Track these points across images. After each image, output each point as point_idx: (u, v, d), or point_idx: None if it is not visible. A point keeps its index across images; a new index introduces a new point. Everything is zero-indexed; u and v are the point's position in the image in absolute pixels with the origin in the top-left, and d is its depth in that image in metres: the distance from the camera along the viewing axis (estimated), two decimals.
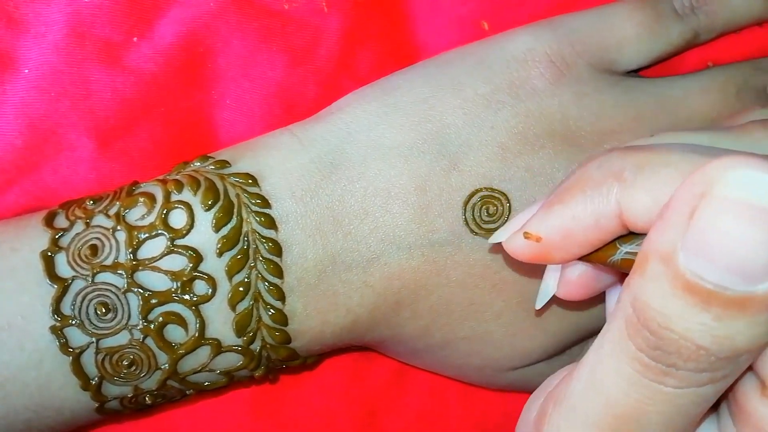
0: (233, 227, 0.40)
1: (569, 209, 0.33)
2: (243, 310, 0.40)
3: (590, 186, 0.32)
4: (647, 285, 0.27)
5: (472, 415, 0.51)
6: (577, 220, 0.33)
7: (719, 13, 0.47)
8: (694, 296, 0.26)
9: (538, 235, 0.34)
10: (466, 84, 0.43)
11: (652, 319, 0.27)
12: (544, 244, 0.34)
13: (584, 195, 0.32)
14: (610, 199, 0.32)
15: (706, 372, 0.27)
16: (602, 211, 0.32)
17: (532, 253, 0.35)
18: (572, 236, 0.33)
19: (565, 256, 0.34)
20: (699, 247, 0.25)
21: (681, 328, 0.26)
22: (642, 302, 0.27)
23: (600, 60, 0.45)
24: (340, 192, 0.41)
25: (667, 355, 0.27)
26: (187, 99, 0.47)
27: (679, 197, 0.26)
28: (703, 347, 0.26)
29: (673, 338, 0.27)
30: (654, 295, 0.27)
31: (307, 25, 0.47)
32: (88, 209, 0.41)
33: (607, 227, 0.32)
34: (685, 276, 0.26)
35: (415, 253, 0.42)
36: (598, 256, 0.34)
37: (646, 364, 0.28)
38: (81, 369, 0.39)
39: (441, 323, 0.43)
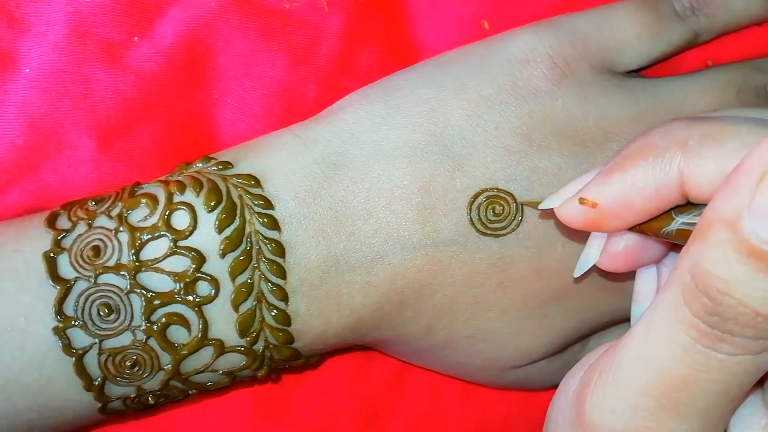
0: (236, 228, 0.40)
1: (629, 176, 0.33)
2: (246, 310, 0.40)
3: (653, 154, 0.32)
4: (709, 251, 0.27)
5: (473, 415, 0.51)
6: (637, 188, 0.33)
7: (719, 14, 0.47)
8: (759, 262, 0.26)
9: (594, 201, 0.34)
10: (468, 85, 0.43)
11: (711, 285, 0.27)
12: (599, 210, 0.34)
13: (646, 162, 0.32)
14: (673, 167, 0.32)
15: (762, 339, 0.27)
16: (664, 179, 0.32)
17: (585, 219, 0.35)
18: (630, 204, 0.33)
19: (620, 224, 0.34)
20: (766, 213, 0.26)
21: (741, 294, 0.27)
22: (702, 268, 0.27)
23: (601, 60, 0.45)
24: (343, 193, 0.41)
25: (724, 322, 0.27)
26: (188, 98, 0.47)
27: (748, 164, 0.26)
28: (761, 314, 0.27)
29: (731, 304, 0.27)
30: (716, 260, 0.27)
31: (308, 24, 0.47)
32: (90, 210, 0.41)
33: (667, 196, 0.32)
34: (750, 241, 0.26)
35: (419, 253, 0.42)
36: (651, 227, 0.34)
37: (702, 330, 0.28)
38: (84, 370, 0.39)
39: (445, 322, 0.43)
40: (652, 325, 0.30)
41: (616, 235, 0.37)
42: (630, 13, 0.46)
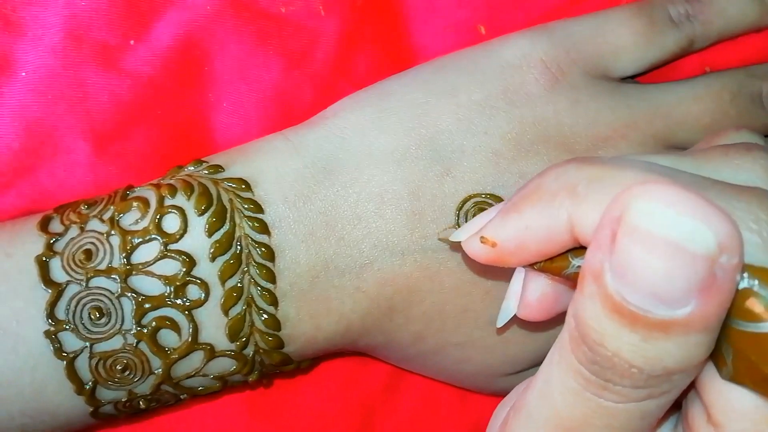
0: (226, 232, 0.40)
1: (523, 219, 0.33)
2: (236, 314, 0.40)
3: (544, 198, 0.32)
4: (585, 302, 0.27)
5: (466, 419, 0.51)
6: (530, 231, 0.32)
7: (714, 21, 0.47)
8: (622, 317, 0.26)
9: (493, 240, 0.34)
10: (460, 89, 0.43)
11: (588, 335, 0.27)
12: (499, 249, 0.34)
13: (538, 206, 0.32)
14: (561, 213, 0.31)
15: (643, 389, 0.27)
16: (554, 224, 0.31)
17: (488, 256, 0.35)
18: (526, 245, 0.33)
19: (519, 262, 0.34)
20: (621, 271, 0.26)
21: (613, 346, 0.27)
22: (580, 318, 0.27)
23: (595, 66, 0.45)
24: (333, 197, 0.41)
25: (604, 371, 0.27)
26: (183, 102, 0.47)
27: (604, 218, 0.26)
28: (635, 366, 0.27)
29: (607, 355, 0.27)
30: (589, 312, 0.27)
31: (304, 28, 0.47)
32: (83, 214, 0.41)
33: (559, 240, 0.32)
34: (613, 297, 0.26)
35: (407, 259, 0.42)
36: (552, 267, 0.34)
37: (587, 378, 0.28)
38: (75, 373, 0.39)
39: (434, 329, 0.43)
40: (551, 367, 0.30)
41: (531, 286, 0.36)
42: (625, 19, 0.46)
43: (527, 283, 0.36)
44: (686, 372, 0.27)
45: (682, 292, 0.25)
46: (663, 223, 0.25)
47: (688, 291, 0.25)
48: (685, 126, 0.45)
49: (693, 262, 0.25)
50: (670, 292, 0.25)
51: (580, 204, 0.31)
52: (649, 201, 0.25)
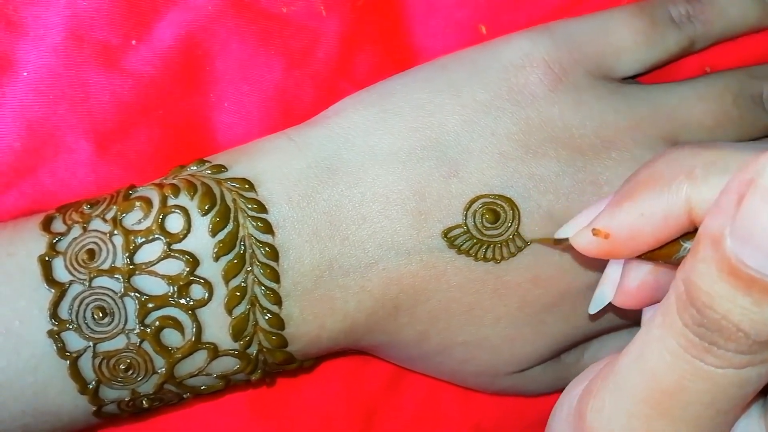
0: (230, 232, 0.40)
1: (638, 206, 0.33)
2: (239, 314, 0.40)
3: (660, 183, 0.33)
4: (698, 265, 0.28)
5: (469, 418, 0.51)
6: (647, 217, 0.33)
7: (715, 21, 0.47)
8: (737, 280, 0.27)
9: (606, 231, 0.34)
10: (463, 89, 0.43)
11: (698, 298, 0.28)
12: (611, 240, 0.34)
13: (654, 192, 0.33)
14: (680, 196, 0.32)
15: (745, 354, 0.28)
16: (672, 207, 0.32)
17: (599, 249, 0.35)
18: (640, 233, 0.33)
19: (631, 252, 0.34)
20: (744, 233, 0.26)
21: (723, 309, 0.27)
22: (691, 281, 0.28)
23: (597, 66, 0.45)
24: (338, 197, 0.41)
25: (709, 333, 0.28)
26: (185, 102, 0.47)
27: (731, 184, 0.27)
28: (742, 330, 0.27)
29: (715, 318, 0.27)
30: (702, 275, 0.28)
31: (305, 28, 0.47)
32: (85, 213, 0.41)
33: (675, 224, 0.33)
34: (731, 260, 0.26)
35: (413, 258, 0.42)
36: (662, 254, 0.34)
37: (690, 340, 0.29)
38: (78, 373, 0.39)
39: (439, 328, 0.43)
40: (650, 332, 0.30)
41: (631, 273, 0.37)
42: (626, 20, 0.46)
43: (627, 270, 0.37)
44: None
45: None
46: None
47: None
48: (688, 127, 0.45)
49: None
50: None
51: (699, 186, 0.31)
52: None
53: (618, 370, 0.32)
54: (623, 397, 0.31)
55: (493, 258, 0.42)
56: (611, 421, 0.32)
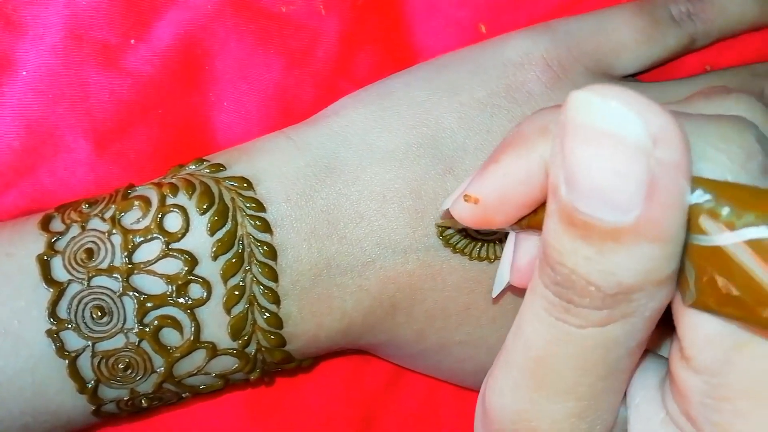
0: (228, 231, 0.40)
1: (501, 167, 0.32)
2: (238, 313, 0.40)
3: (519, 142, 0.32)
4: (547, 222, 0.27)
5: (468, 418, 0.50)
6: (508, 177, 0.32)
7: (715, 19, 0.47)
8: (576, 229, 0.26)
9: (476, 196, 0.33)
10: (462, 88, 0.43)
11: (550, 254, 0.27)
12: (482, 205, 0.33)
13: (514, 151, 0.32)
14: (535, 153, 0.31)
15: (601, 310, 0.27)
16: (531, 166, 0.31)
17: (474, 216, 0.34)
18: (507, 196, 0.32)
19: (505, 218, 0.33)
20: (572, 179, 0.26)
21: (571, 262, 0.27)
22: (544, 240, 0.28)
23: (597, 64, 0.45)
24: (335, 196, 0.41)
25: (565, 291, 0.27)
26: (184, 101, 0.47)
27: (557, 130, 0.26)
28: (591, 282, 0.26)
29: (566, 273, 0.27)
30: (550, 231, 0.27)
31: (305, 27, 0.47)
32: (84, 213, 0.41)
33: (536, 183, 0.31)
34: (567, 208, 0.26)
35: (410, 257, 0.42)
36: (536, 220, 0.33)
37: (550, 301, 0.28)
38: (77, 372, 0.39)
39: (436, 327, 0.43)
40: (524, 300, 0.30)
41: (521, 249, 0.36)
42: (626, 18, 0.46)
43: (517, 247, 0.36)
44: (645, 291, 0.27)
45: (626, 193, 0.25)
46: (597, 114, 0.25)
47: (633, 193, 0.25)
48: None
49: (628, 154, 0.25)
50: (615, 193, 0.25)
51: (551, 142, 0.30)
52: (586, 95, 0.25)
53: (505, 344, 0.31)
54: (509, 371, 0.31)
55: (486, 257, 0.42)
56: (503, 396, 0.31)
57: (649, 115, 0.25)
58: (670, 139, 0.25)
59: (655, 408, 0.31)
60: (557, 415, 0.30)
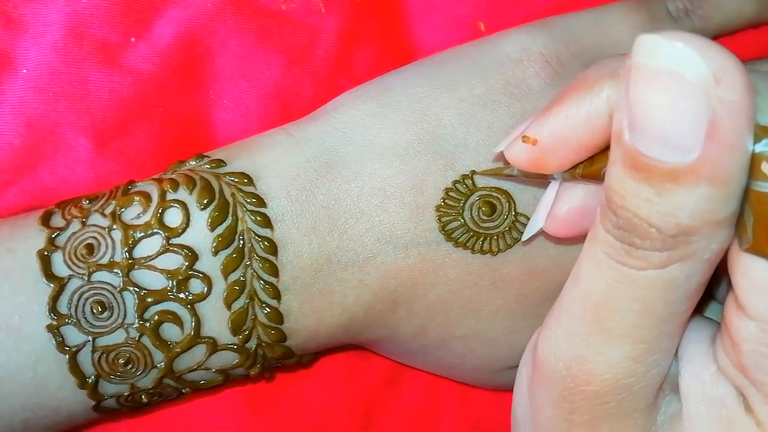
0: (228, 226, 0.40)
1: (563, 110, 0.33)
2: (238, 308, 0.40)
3: (585, 86, 0.32)
4: (611, 168, 0.28)
5: (467, 414, 0.51)
6: (570, 120, 0.32)
7: (713, 16, 0.48)
8: (638, 172, 0.27)
9: (534, 137, 0.34)
10: (461, 84, 0.43)
11: (612, 199, 0.28)
12: (540, 147, 0.34)
13: (578, 94, 0.32)
14: (601, 97, 0.31)
15: (662, 251, 0.28)
16: (594, 109, 0.32)
17: (529, 158, 0.34)
18: (565, 138, 0.33)
19: (561, 161, 0.34)
20: (635, 122, 0.26)
21: (633, 205, 0.27)
22: (607, 185, 0.28)
23: (594, 60, 0.45)
24: (336, 191, 0.41)
25: (627, 234, 0.28)
26: (184, 99, 0.47)
27: (622, 76, 0.27)
28: (652, 224, 0.27)
29: (628, 216, 0.28)
30: (613, 175, 0.28)
31: (304, 25, 0.47)
32: (84, 208, 0.41)
33: (598, 127, 0.32)
34: (630, 151, 0.26)
35: (411, 252, 0.42)
36: (592, 170, 0.33)
37: (612, 245, 0.29)
38: (77, 367, 0.39)
39: (438, 322, 0.43)
40: (583, 249, 0.31)
41: (562, 198, 0.37)
42: (624, 14, 0.46)
43: (559, 196, 0.37)
44: (703, 233, 0.27)
45: (687, 133, 0.25)
46: (662, 55, 0.25)
47: (694, 133, 0.25)
48: None
49: (690, 93, 0.25)
50: (675, 133, 0.25)
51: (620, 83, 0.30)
52: (652, 37, 0.26)
53: (561, 295, 0.32)
54: (564, 319, 0.32)
55: (489, 250, 0.42)
56: (556, 346, 0.32)
57: (713, 56, 0.25)
58: (732, 80, 0.25)
59: (706, 362, 0.32)
60: (614, 359, 0.30)
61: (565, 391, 0.32)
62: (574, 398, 0.32)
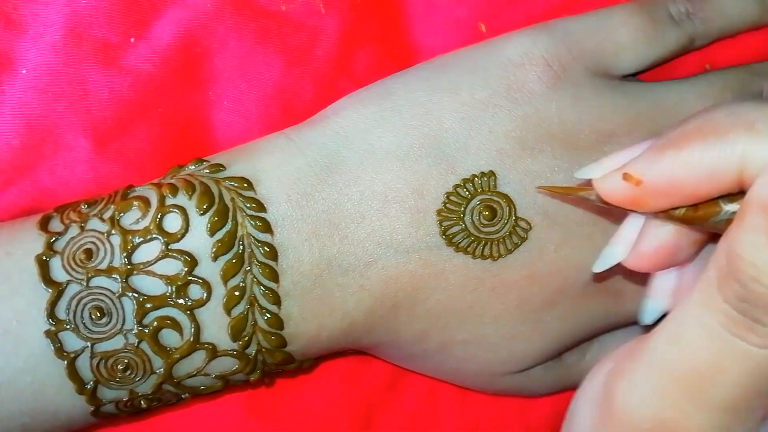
0: (228, 231, 0.40)
1: (684, 154, 0.31)
2: (238, 314, 0.40)
3: (714, 133, 0.30)
4: (744, 235, 0.27)
5: (467, 419, 0.51)
6: (690, 167, 0.31)
7: (714, 19, 0.47)
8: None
9: (639, 177, 0.32)
10: (462, 87, 0.43)
11: (744, 270, 0.27)
12: (643, 188, 0.32)
13: (705, 141, 0.30)
14: (735, 150, 0.29)
15: None
16: (723, 161, 0.30)
17: (625, 196, 0.33)
18: (680, 185, 0.31)
19: (662, 205, 0.33)
20: None
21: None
22: (736, 253, 0.27)
23: (597, 64, 0.45)
24: (337, 196, 0.41)
25: (753, 310, 0.27)
26: (184, 100, 0.47)
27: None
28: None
29: (761, 291, 0.26)
30: (749, 245, 0.26)
31: (304, 26, 0.47)
32: (83, 213, 0.41)
33: (722, 181, 0.30)
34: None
35: (412, 256, 0.42)
36: (698, 216, 0.32)
37: (731, 317, 0.28)
38: (76, 373, 0.39)
39: (439, 327, 0.43)
40: (687, 308, 0.29)
41: (650, 233, 0.36)
42: (626, 17, 0.46)
43: (646, 231, 0.36)
44: None
45: None
46: None
47: None
48: None
49: None
50: None
51: (759, 142, 0.29)
52: None
53: (652, 350, 0.31)
54: (655, 377, 0.30)
55: (490, 255, 0.42)
56: (643, 403, 0.31)
57: None
58: None
59: None
60: (705, 427, 0.30)
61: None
62: None
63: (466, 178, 0.42)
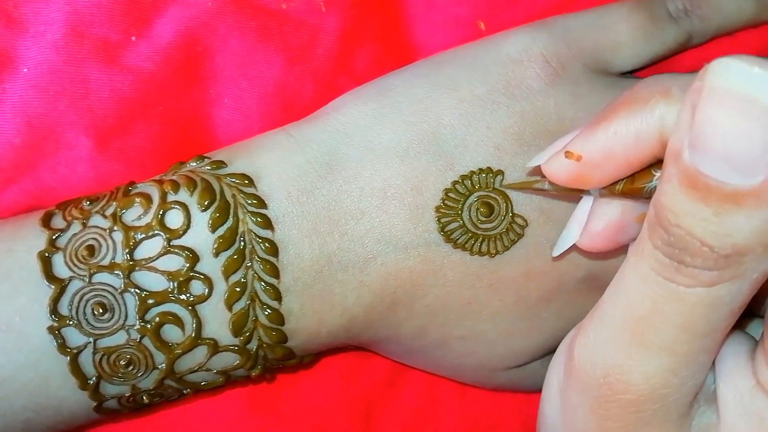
0: (229, 227, 0.40)
1: (613, 126, 0.33)
2: (239, 310, 0.40)
3: (637, 102, 0.32)
4: (663, 186, 0.28)
5: (467, 414, 0.51)
6: (619, 137, 0.33)
7: (712, 16, 0.48)
8: (696, 191, 0.27)
9: (579, 153, 0.34)
10: (461, 84, 0.43)
11: (665, 217, 0.28)
12: (584, 163, 0.34)
13: (630, 111, 0.32)
14: (654, 115, 0.32)
15: (713, 270, 0.28)
16: (645, 127, 0.32)
17: (570, 174, 0.35)
18: (612, 155, 0.33)
19: (604, 177, 0.34)
20: (699, 142, 0.26)
21: (687, 223, 0.27)
22: (660, 202, 0.28)
23: (595, 61, 0.45)
24: (336, 192, 0.41)
25: (677, 252, 0.28)
26: (185, 98, 0.47)
27: (686, 96, 0.27)
28: (706, 243, 0.27)
29: (681, 234, 0.28)
30: (667, 193, 0.28)
31: (305, 24, 0.47)
32: (85, 210, 0.41)
33: (648, 146, 0.32)
34: (689, 170, 0.27)
35: (411, 253, 0.42)
36: (634, 187, 0.34)
37: (661, 262, 0.29)
38: (79, 369, 0.39)
39: (437, 323, 0.43)
40: (626, 261, 0.31)
41: (598, 213, 0.37)
42: (624, 15, 0.46)
43: (594, 211, 0.37)
44: (756, 254, 0.27)
45: (754, 157, 0.26)
46: (737, 79, 0.25)
47: (760, 157, 0.25)
48: None
49: (762, 118, 0.25)
50: (742, 156, 0.26)
51: (673, 105, 0.31)
52: (730, 61, 0.26)
53: (600, 303, 0.32)
54: (605, 328, 0.32)
55: (488, 252, 0.42)
56: (595, 353, 0.32)
57: None
58: None
59: (745, 376, 0.32)
60: (651, 370, 0.31)
61: (600, 398, 0.32)
62: (610, 405, 0.32)
63: (465, 175, 0.42)
